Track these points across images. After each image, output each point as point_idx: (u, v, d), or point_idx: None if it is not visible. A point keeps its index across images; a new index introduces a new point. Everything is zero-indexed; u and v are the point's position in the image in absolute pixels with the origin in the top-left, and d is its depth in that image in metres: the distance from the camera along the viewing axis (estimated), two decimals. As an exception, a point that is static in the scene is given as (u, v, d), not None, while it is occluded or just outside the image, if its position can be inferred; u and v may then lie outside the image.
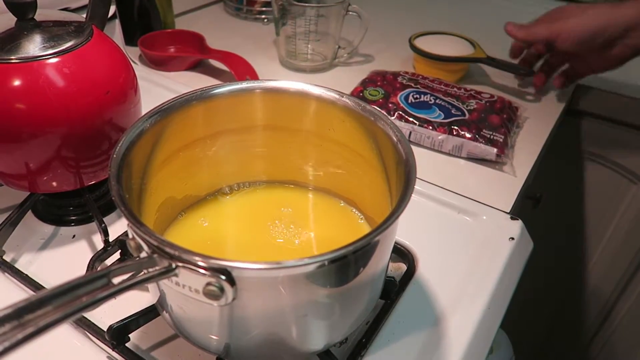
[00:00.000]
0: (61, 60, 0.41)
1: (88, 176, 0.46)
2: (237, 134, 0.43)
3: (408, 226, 0.50)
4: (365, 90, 0.68)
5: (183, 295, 0.28)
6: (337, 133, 0.42)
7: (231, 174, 0.46)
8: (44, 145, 0.42)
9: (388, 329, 0.40)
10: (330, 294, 0.31)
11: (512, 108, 0.68)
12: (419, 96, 0.66)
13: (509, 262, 0.47)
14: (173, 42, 0.82)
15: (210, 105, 0.40)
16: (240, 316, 0.30)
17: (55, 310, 0.21)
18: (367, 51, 0.85)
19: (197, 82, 0.75)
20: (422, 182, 0.56)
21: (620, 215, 0.89)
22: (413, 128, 0.62)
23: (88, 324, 0.39)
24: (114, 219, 0.50)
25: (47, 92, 0.40)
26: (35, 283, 0.42)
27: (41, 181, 0.44)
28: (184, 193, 0.43)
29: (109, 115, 0.44)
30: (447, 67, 0.75)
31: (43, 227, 0.49)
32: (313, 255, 0.27)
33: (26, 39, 0.41)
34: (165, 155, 0.39)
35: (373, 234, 0.29)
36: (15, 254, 0.46)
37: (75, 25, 0.44)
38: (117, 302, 0.40)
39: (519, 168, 0.60)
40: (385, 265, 0.35)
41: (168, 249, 0.27)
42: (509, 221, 0.51)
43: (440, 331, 0.41)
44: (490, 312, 0.43)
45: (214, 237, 0.42)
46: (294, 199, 0.46)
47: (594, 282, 0.99)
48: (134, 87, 0.47)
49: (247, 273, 0.27)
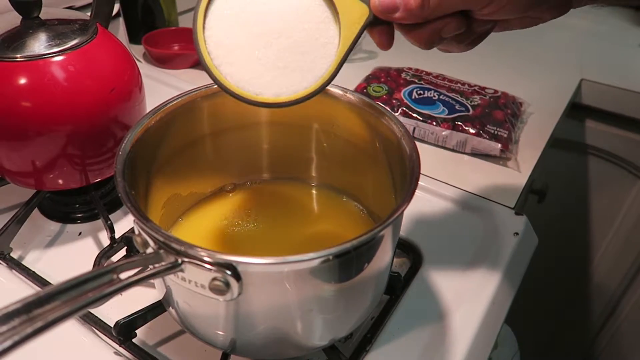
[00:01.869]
0: (66, 58, 0.41)
1: (94, 173, 0.46)
2: (242, 130, 0.43)
3: (412, 222, 0.50)
4: (369, 87, 0.68)
5: (189, 291, 0.29)
6: (341, 129, 0.42)
7: (236, 170, 0.46)
8: (50, 143, 0.42)
9: (393, 324, 0.40)
10: (336, 289, 0.31)
11: (516, 103, 0.68)
12: (422, 92, 0.66)
13: (513, 257, 0.47)
14: (177, 40, 0.82)
15: (215, 102, 0.41)
16: (246, 311, 0.30)
17: (64, 305, 0.22)
18: (371, 47, 0.85)
19: (201, 80, 0.74)
20: (427, 178, 0.56)
21: (625, 210, 0.89)
22: (417, 124, 0.62)
23: (95, 320, 0.39)
24: (120, 216, 0.50)
25: (53, 90, 0.40)
26: (42, 280, 0.43)
27: (47, 179, 0.44)
28: (189, 190, 0.43)
29: (114, 112, 0.44)
30: None
31: (49, 224, 0.49)
32: (317, 250, 0.27)
33: (31, 37, 0.41)
34: (170, 152, 0.39)
35: (378, 229, 0.29)
36: (22, 251, 0.46)
37: (80, 23, 0.44)
38: (123, 298, 0.41)
39: (523, 163, 0.60)
40: (389, 260, 0.36)
41: (174, 245, 0.27)
42: (513, 216, 0.51)
43: (444, 326, 0.41)
44: (494, 308, 0.43)
45: (219, 233, 0.42)
46: (298, 194, 0.46)
47: (599, 277, 0.99)
48: (138, 84, 0.47)
49: (253, 268, 0.28)
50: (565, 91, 0.76)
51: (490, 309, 0.42)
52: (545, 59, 0.84)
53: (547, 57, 0.84)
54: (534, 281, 0.71)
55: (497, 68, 0.79)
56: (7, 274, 0.43)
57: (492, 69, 0.80)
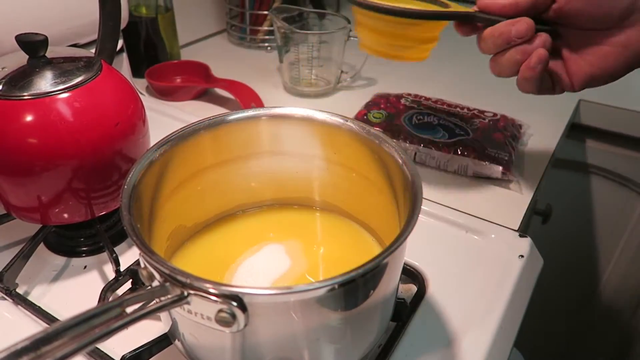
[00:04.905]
0: (72, 95, 0.42)
1: (99, 207, 0.46)
2: (245, 160, 0.44)
3: (417, 247, 0.50)
4: (369, 113, 0.69)
5: (195, 323, 0.29)
6: (343, 157, 0.43)
7: (239, 199, 0.46)
8: (56, 178, 0.42)
9: (401, 351, 0.40)
10: (342, 318, 0.31)
11: (516, 126, 0.68)
12: (422, 117, 0.67)
13: (519, 280, 0.47)
14: (179, 73, 0.83)
15: (218, 133, 0.41)
16: (252, 342, 0.30)
17: (71, 341, 0.22)
18: (370, 74, 0.86)
19: (203, 111, 0.76)
20: (429, 202, 0.56)
21: (631, 227, 0.89)
22: (418, 149, 0.63)
23: (101, 354, 0.39)
24: (125, 248, 0.50)
25: (59, 126, 0.41)
26: (48, 315, 0.42)
27: (53, 213, 0.45)
28: (194, 221, 0.44)
29: (119, 146, 0.45)
30: (406, 32, 0.50)
31: (55, 258, 0.49)
32: (323, 280, 0.27)
33: (38, 75, 0.42)
34: (174, 184, 0.40)
35: (382, 256, 0.29)
36: (27, 286, 0.46)
37: (85, 60, 0.46)
38: (128, 332, 0.40)
39: (525, 185, 0.60)
40: (395, 286, 0.35)
41: (180, 277, 0.27)
42: (517, 239, 0.51)
43: (453, 352, 0.40)
44: (503, 331, 0.42)
45: (223, 260, 0.42)
46: (302, 220, 0.46)
47: (608, 296, 0.98)
48: (142, 118, 0.48)
49: (259, 299, 0.28)
50: (564, 112, 0.76)
51: (499, 333, 0.42)
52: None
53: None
54: (541, 303, 0.70)
55: (494, 91, 0.80)
56: (14, 310, 0.43)
57: (489, 93, 0.81)
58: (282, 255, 0.42)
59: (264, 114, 0.42)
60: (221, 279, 0.40)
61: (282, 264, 0.41)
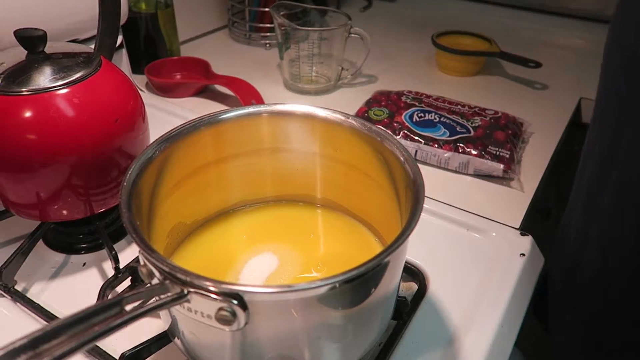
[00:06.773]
0: (71, 91, 0.42)
1: (98, 204, 0.46)
2: (245, 157, 0.44)
3: (418, 245, 0.49)
4: (370, 111, 0.69)
5: (195, 321, 0.28)
6: (344, 154, 0.42)
7: (239, 196, 0.46)
8: (55, 175, 0.42)
9: (401, 350, 0.40)
10: (343, 316, 0.31)
11: (517, 123, 0.68)
12: (423, 115, 0.66)
13: (520, 278, 0.47)
14: (179, 69, 0.83)
15: (218, 130, 0.41)
16: (252, 340, 0.30)
17: (70, 340, 0.21)
18: (371, 72, 0.86)
19: (203, 108, 0.76)
20: (431, 200, 0.56)
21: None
22: (419, 147, 0.62)
23: (100, 352, 0.39)
24: (124, 245, 0.50)
25: (58, 122, 0.41)
26: (47, 312, 0.42)
27: (52, 210, 0.44)
28: (193, 218, 0.43)
29: (118, 143, 0.44)
30: (467, 60, 0.85)
31: (54, 255, 0.49)
32: (324, 278, 0.27)
33: (37, 71, 0.42)
34: (174, 181, 0.40)
35: (383, 255, 0.29)
36: (26, 284, 0.46)
37: (84, 56, 0.45)
38: (128, 329, 0.40)
39: (526, 183, 0.60)
40: (396, 285, 0.35)
41: (180, 275, 0.27)
42: (519, 237, 0.51)
43: (454, 351, 0.40)
44: (504, 330, 0.42)
45: (223, 257, 0.42)
46: (302, 217, 0.46)
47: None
48: (142, 114, 0.48)
49: (259, 297, 0.27)
50: (566, 110, 0.76)
51: (500, 332, 0.42)
52: (544, 78, 0.85)
53: (546, 76, 0.85)
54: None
55: (496, 89, 0.80)
56: (12, 307, 0.43)
57: (491, 90, 0.80)
58: (282, 253, 0.42)
59: (264, 111, 0.42)
60: (221, 276, 0.40)
61: (283, 262, 0.41)
